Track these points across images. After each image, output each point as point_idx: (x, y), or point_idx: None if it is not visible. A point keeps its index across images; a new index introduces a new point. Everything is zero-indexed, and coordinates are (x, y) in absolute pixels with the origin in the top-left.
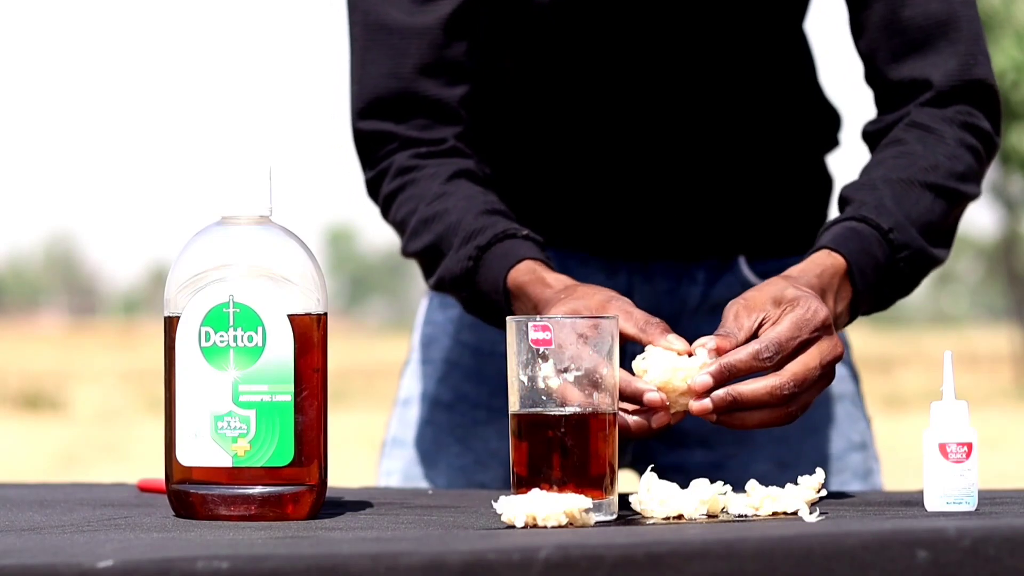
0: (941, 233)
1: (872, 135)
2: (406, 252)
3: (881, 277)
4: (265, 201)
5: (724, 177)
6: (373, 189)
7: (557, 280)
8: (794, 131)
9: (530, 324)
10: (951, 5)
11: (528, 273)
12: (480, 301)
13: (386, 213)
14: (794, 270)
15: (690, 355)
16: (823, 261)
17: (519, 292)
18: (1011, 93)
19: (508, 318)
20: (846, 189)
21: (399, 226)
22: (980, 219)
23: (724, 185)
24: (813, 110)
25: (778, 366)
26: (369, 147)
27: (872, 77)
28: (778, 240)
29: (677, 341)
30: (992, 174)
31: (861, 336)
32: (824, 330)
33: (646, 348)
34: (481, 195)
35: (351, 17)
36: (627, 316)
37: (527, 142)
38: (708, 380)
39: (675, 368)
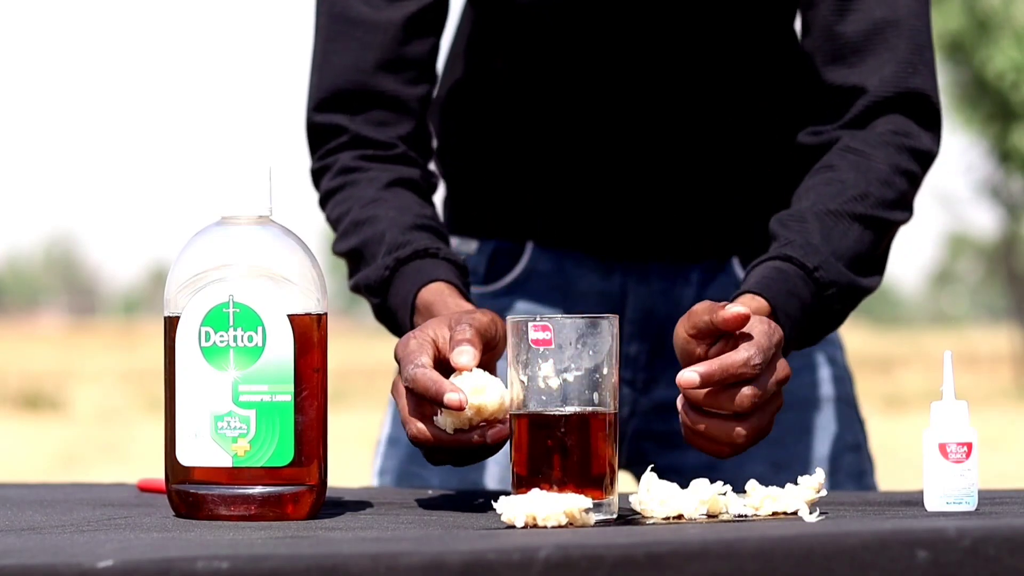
0: (871, 262)
1: (806, 149)
2: (335, 251)
3: (808, 316)
4: (265, 201)
5: (717, 179)
6: (315, 181)
7: (456, 305)
8: (787, 133)
9: (530, 324)
10: (896, 12)
11: (436, 294)
12: (388, 312)
13: (323, 207)
14: None
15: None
16: (747, 304)
17: (424, 310)
18: (1011, 93)
19: (508, 317)
20: (775, 223)
21: (333, 224)
22: (980, 219)
23: (717, 186)
24: (806, 112)
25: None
26: (319, 138)
27: (810, 79)
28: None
29: (463, 356)
30: (992, 174)
31: (861, 336)
32: (779, 348)
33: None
34: (415, 207)
35: (318, 7)
36: (450, 329)
37: (520, 143)
38: (695, 376)
39: (482, 387)
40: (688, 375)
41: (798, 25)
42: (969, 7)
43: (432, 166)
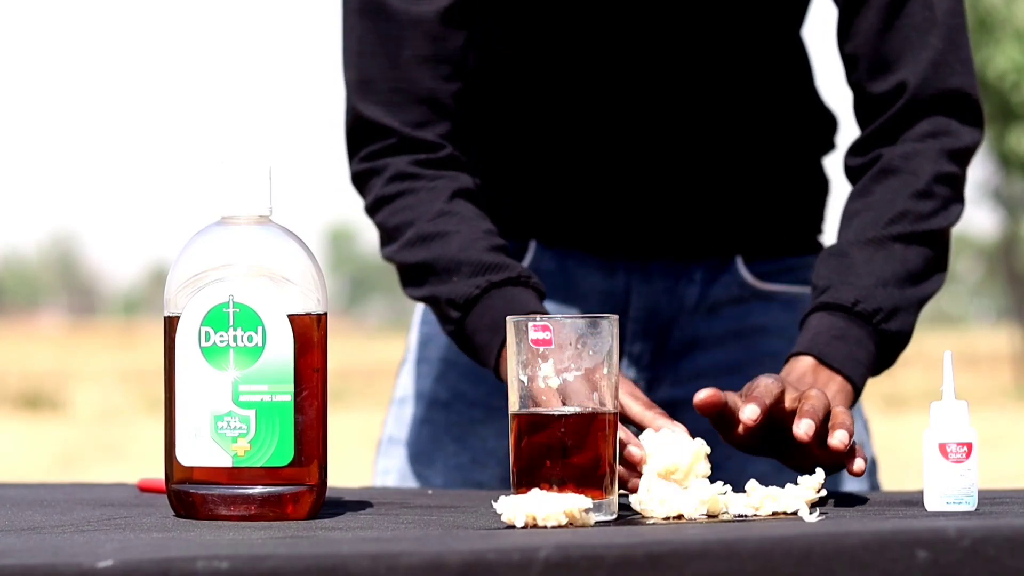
0: (925, 271)
1: (851, 171)
2: (392, 258)
3: (867, 346)
4: (265, 201)
5: (721, 177)
6: (361, 182)
7: None
8: (791, 133)
9: (530, 324)
10: (935, 15)
11: None
12: (464, 329)
13: (373, 212)
14: (791, 377)
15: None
16: (810, 371)
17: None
18: (1011, 94)
19: (508, 317)
20: (820, 261)
21: (390, 231)
22: (980, 219)
23: (721, 185)
24: (810, 113)
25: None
26: (362, 137)
27: (852, 82)
28: (775, 241)
29: (678, 427)
30: (992, 175)
31: None
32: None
33: (646, 432)
34: (481, 222)
35: (345, 3)
36: (632, 397)
37: (526, 142)
38: (756, 410)
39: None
40: (751, 410)
41: (805, 31)
42: (970, 7)
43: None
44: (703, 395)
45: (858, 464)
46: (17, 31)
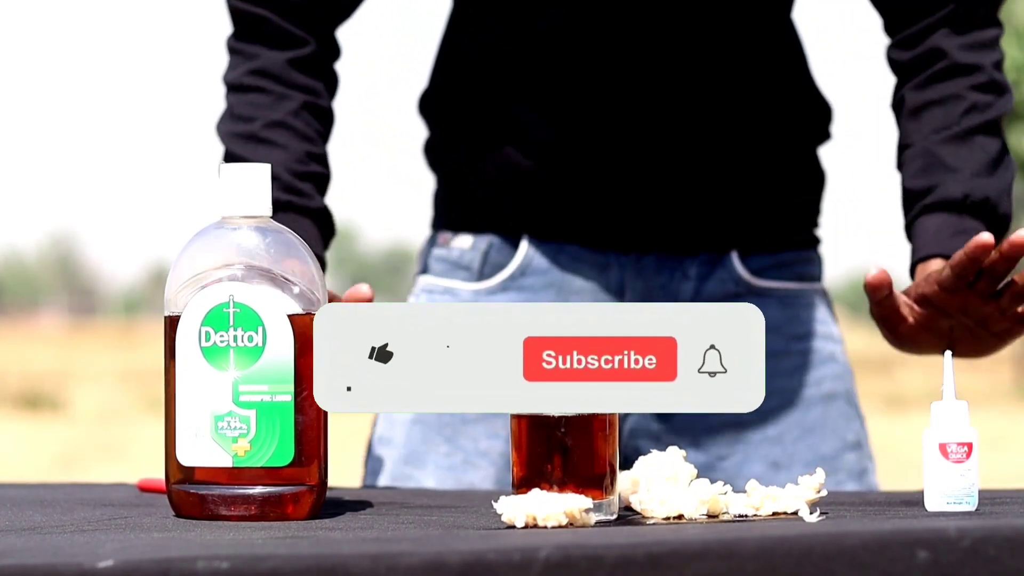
0: (1003, 153)
1: (899, 65)
2: (221, 134)
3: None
4: (265, 201)
5: (716, 169)
6: (231, 54)
7: None
8: (786, 123)
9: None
10: None
11: None
12: None
13: (228, 89)
14: (928, 278)
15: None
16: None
17: None
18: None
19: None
20: (907, 163)
21: (231, 114)
22: None
23: (716, 177)
24: (804, 102)
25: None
26: (241, 17)
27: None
28: (771, 234)
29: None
30: None
31: (861, 336)
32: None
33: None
34: (310, 145)
35: None
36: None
37: (518, 134)
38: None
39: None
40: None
41: (797, 19)
42: None
43: (337, 66)
44: (874, 273)
45: None
46: (18, 31)
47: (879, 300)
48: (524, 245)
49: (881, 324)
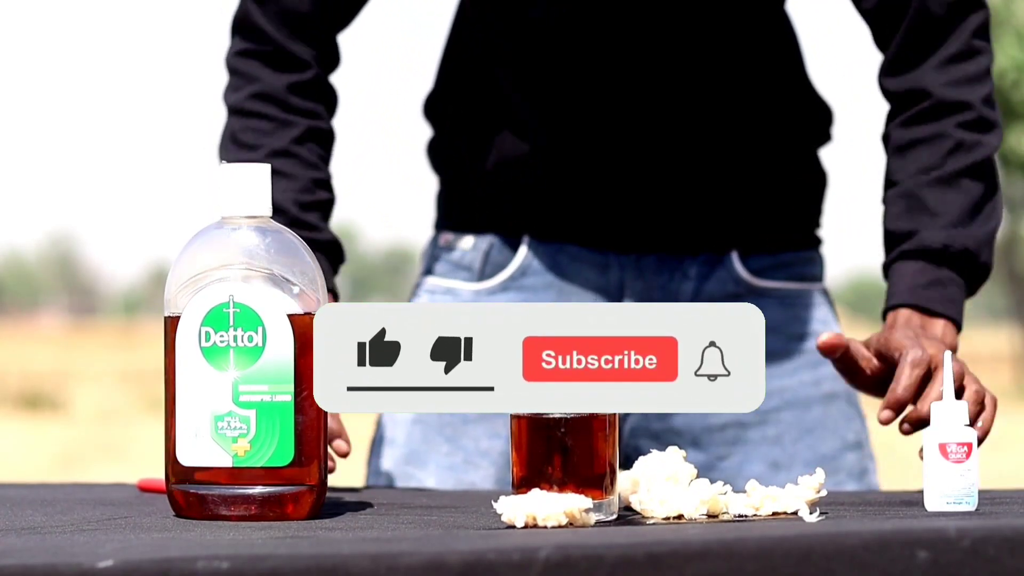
0: (990, 196)
1: (891, 95)
2: (225, 160)
3: (961, 274)
4: (265, 201)
5: (716, 170)
6: (231, 75)
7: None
8: (786, 125)
9: None
10: None
11: None
12: None
13: (230, 112)
14: (896, 328)
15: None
16: (916, 319)
17: None
18: (1011, 93)
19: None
20: (890, 204)
21: (234, 139)
22: None
23: (716, 178)
24: (804, 104)
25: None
26: (245, 32)
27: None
28: (771, 235)
29: None
30: None
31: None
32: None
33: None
34: (316, 171)
35: None
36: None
37: (518, 134)
38: (890, 413)
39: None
40: (886, 414)
41: (795, 22)
42: None
43: (336, 76)
44: (825, 337)
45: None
46: (18, 31)
47: (835, 359)
48: (524, 245)
49: (842, 375)
